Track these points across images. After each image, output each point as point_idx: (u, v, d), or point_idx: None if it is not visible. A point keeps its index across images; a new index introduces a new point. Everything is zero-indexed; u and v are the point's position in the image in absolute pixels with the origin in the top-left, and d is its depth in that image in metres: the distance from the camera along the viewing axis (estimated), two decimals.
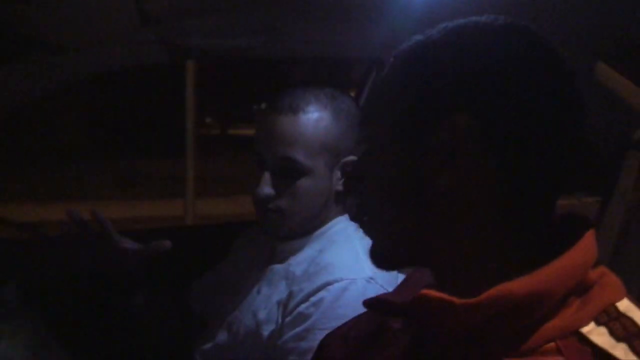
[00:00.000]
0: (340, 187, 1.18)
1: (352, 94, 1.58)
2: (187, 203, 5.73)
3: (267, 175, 1.15)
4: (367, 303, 0.71)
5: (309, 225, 1.20)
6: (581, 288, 0.57)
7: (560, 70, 0.60)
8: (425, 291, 0.58)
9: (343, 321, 1.00)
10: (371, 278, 1.09)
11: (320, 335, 1.01)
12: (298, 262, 1.17)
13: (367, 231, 0.70)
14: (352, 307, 1.02)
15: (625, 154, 1.30)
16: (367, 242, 1.14)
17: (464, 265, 0.61)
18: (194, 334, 1.32)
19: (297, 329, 1.08)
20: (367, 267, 1.11)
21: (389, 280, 1.12)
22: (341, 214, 1.23)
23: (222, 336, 1.24)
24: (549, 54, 0.60)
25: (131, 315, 1.31)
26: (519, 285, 0.55)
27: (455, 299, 0.56)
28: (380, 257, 0.69)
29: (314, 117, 1.14)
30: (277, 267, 1.21)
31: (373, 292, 1.06)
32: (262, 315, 1.16)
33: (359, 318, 0.85)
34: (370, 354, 0.75)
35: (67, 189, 8.13)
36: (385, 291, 1.08)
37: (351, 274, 1.09)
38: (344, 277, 1.08)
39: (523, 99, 0.57)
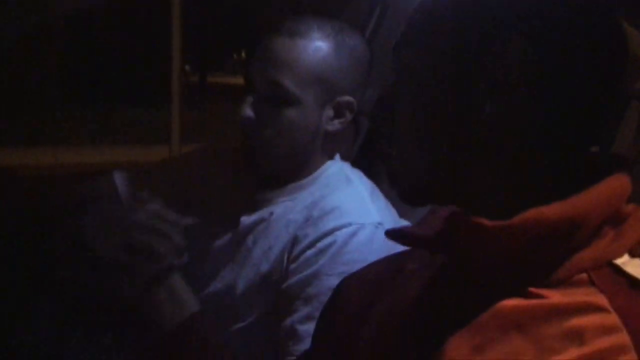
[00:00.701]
0: (330, 127, 1.12)
1: None
2: (172, 151, 5.69)
3: (249, 98, 1.09)
4: (389, 233, 0.68)
5: (292, 164, 1.13)
6: (616, 219, 0.55)
7: (617, 19, 0.58)
8: (456, 212, 0.57)
9: (351, 267, 0.97)
10: (379, 223, 1.06)
11: (327, 281, 1.00)
12: (297, 209, 1.12)
13: (398, 164, 0.66)
14: (361, 253, 1.02)
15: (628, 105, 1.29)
16: (370, 184, 1.15)
17: (498, 195, 0.59)
18: None
19: (303, 274, 1.04)
20: (375, 212, 1.08)
21: (396, 224, 1.09)
22: (330, 158, 1.17)
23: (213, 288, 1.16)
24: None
25: None
26: (554, 209, 0.53)
27: (486, 221, 0.55)
28: (413, 191, 0.65)
29: (312, 45, 1.07)
30: (271, 215, 1.13)
31: (381, 237, 0.99)
32: (264, 267, 1.10)
33: (377, 262, 0.83)
34: (385, 295, 0.73)
35: (44, 134, 7.99)
36: None
37: (360, 218, 1.05)
38: (352, 222, 1.05)
39: (585, 34, 0.56)
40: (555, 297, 0.53)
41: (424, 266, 0.71)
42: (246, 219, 1.15)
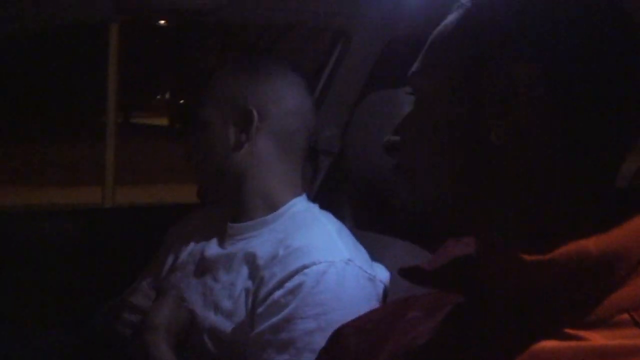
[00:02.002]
0: (238, 139, 1.12)
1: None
2: (106, 190, 5.53)
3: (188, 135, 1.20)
4: (403, 272, 0.65)
5: (217, 182, 1.16)
6: None
7: (630, 23, 0.56)
8: (494, 247, 0.54)
9: (325, 307, 0.96)
10: (349, 260, 1.01)
11: (302, 325, 0.95)
12: (259, 244, 1.07)
13: (409, 190, 0.65)
14: (333, 291, 0.97)
15: None
16: (338, 223, 1.11)
17: (517, 226, 0.56)
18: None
19: (274, 320, 0.98)
20: (344, 248, 1.03)
21: (366, 261, 1.05)
22: (295, 195, 1.14)
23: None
24: (616, 4, 0.56)
25: None
26: (596, 243, 0.50)
27: (525, 255, 0.51)
28: (425, 218, 0.64)
29: (224, 75, 1.17)
30: (234, 250, 1.10)
31: (352, 274, 0.99)
32: (227, 305, 1.05)
33: (373, 311, 0.81)
34: (385, 343, 0.69)
35: None
36: (364, 273, 1.01)
37: (328, 256, 1.00)
38: (322, 260, 0.99)
39: (590, 50, 0.54)
40: (597, 339, 0.49)
41: (428, 313, 0.68)
42: (209, 253, 1.13)
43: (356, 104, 1.43)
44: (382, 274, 1.06)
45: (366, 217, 1.24)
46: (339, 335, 0.78)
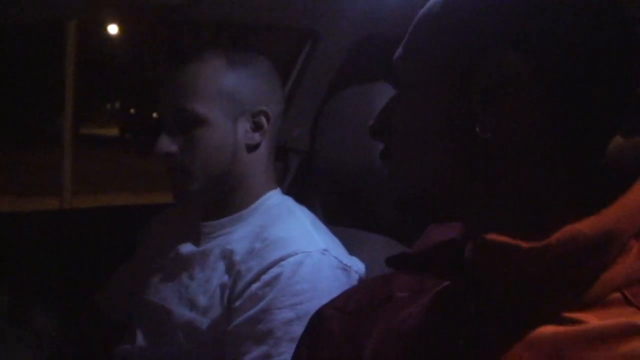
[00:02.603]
0: (249, 141, 1.10)
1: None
2: (64, 200, 5.42)
3: (162, 134, 1.08)
4: (390, 262, 0.64)
5: (218, 183, 1.09)
6: (638, 231, 0.53)
7: (619, 11, 0.56)
8: (489, 236, 0.53)
9: (302, 297, 0.96)
10: (325, 250, 1.02)
11: (279, 315, 0.95)
12: (236, 240, 1.07)
13: (396, 179, 0.64)
14: (310, 282, 0.97)
15: None
16: (312, 216, 1.12)
17: (508, 214, 0.56)
18: (110, 342, 1.17)
19: (251, 312, 0.97)
20: (320, 239, 1.04)
21: (341, 252, 1.06)
22: (270, 189, 1.14)
23: (141, 336, 1.11)
24: None
25: None
26: (590, 225, 0.50)
27: (522, 243, 0.51)
28: (410, 202, 0.64)
29: (203, 64, 1.08)
30: (210, 247, 1.09)
31: (328, 264, 1.00)
32: (202, 301, 1.04)
33: (353, 292, 0.79)
34: (374, 324, 0.69)
35: None
36: (339, 263, 1.02)
37: (305, 247, 1.01)
38: (298, 251, 0.99)
39: (579, 37, 0.53)
40: (592, 320, 0.49)
41: (415, 293, 0.67)
42: (185, 251, 1.12)
43: (325, 103, 1.43)
44: (357, 265, 1.06)
45: (337, 213, 1.24)
46: (321, 319, 0.77)
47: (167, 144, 1.06)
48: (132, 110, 22.75)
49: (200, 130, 1.05)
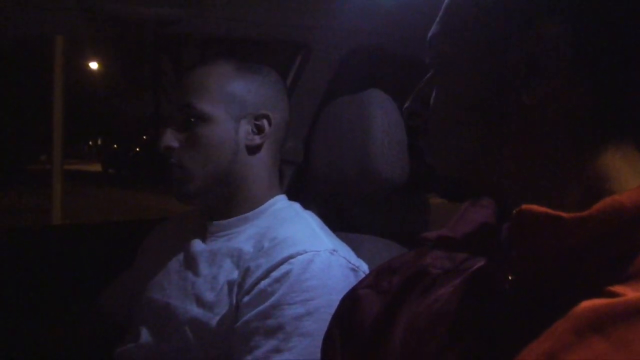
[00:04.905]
0: (250, 142, 1.12)
1: None
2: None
3: (167, 130, 1.12)
4: (435, 242, 0.66)
5: (217, 182, 1.11)
6: None
7: None
8: (526, 206, 0.52)
9: (312, 293, 0.96)
10: (334, 250, 1.03)
11: (290, 311, 0.95)
12: (243, 239, 1.08)
13: (437, 156, 0.64)
14: (319, 279, 0.98)
15: None
16: (318, 219, 1.12)
17: (546, 186, 0.56)
18: (113, 342, 1.17)
19: (261, 307, 0.98)
20: (327, 240, 1.06)
21: (349, 253, 1.07)
22: (278, 192, 1.17)
23: (146, 334, 1.11)
24: None
25: None
26: (630, 198, 0.50)
27: (563, 213, 0.50)
28: (450, 185, 0.64)
29: (214, 67, 1.14)
30: (216, 244, 1.11)
31: (338, 263, 1.01)
32: (209, 297, 1.05)
33: (382, 270, 0.78)
34: (407, 302, 0.69)
35: None
36: (348, 263, 1.03)
37: (313, 246, 1.02)
38: (307, 250, 1.01)
39: (619, 9, 0.52)
40: (630, 293, 0.48)
41: (447, 273, 0.67)
42: (190, 249, 1.13)
43: (317, 114, 1.44)
44: (363, 266, 1.07)
45: (331, 222, 1.25)
46: (354, 300, 0.76)
47: (170, 139, 1.10)
48: (115, 146, 22.79)
49: (203, 127, 1.09)
